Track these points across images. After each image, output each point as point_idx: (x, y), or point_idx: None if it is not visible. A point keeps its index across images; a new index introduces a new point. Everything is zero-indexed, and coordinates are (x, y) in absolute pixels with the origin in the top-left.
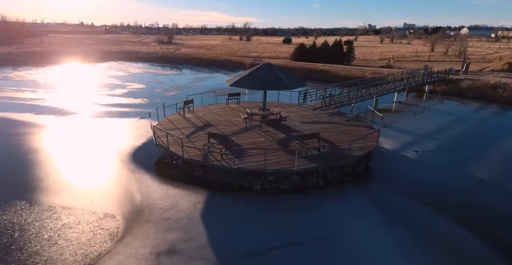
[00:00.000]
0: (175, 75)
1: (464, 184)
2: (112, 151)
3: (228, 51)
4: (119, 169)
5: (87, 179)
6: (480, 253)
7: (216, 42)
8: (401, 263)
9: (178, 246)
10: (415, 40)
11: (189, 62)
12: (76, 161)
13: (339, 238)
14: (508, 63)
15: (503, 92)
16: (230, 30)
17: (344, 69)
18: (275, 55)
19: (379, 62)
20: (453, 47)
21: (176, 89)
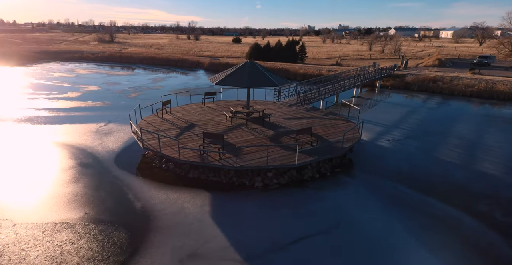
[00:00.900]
0: (130, 76)
1: (437, 167)
2: (90, 159)
3: (180, 50)
4: (104, 177)
5: (73, 191)
6: (472, 228)
7: (164, 41)
8: (411, 243)
9: (198, 250)
10: (353, 40)
11: (142, 62)
12: (53, 172)
13: (350, 225)
14: (438, 59)
15: (443, 85)
16: (175, 29)
17: (302, 68)
18: (230, 54)
19: (328, 60)
20: (388, 46)
21: (137, 91)
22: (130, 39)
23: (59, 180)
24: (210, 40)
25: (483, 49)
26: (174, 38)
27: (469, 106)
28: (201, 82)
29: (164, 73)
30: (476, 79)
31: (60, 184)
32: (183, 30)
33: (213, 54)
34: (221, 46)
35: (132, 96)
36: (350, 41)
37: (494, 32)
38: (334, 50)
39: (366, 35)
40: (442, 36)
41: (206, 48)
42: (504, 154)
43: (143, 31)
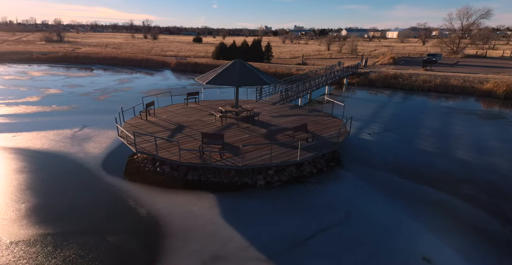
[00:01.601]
0: (92, 77)
1: (419, 156)
2: (75, 166)
3: (140, 50)
4: (97, 185)
5: (68, 202)
6: (464, 209)
7: (119, 40)
8: (415, 227)
9: (220, 253)
10: (310, 40)
11: (101, 62)
12: (38, 184)
13: (358, 215)
14: (392, 58)
15: (403, 81)
16: (129, 27)
17: (272, 67)
18: (194, 54)
19: (293, 60)
20: (345, 46)
21: (104, 93)
22: (81, 38)
23: (48, 192)
24: (169, 39)
25: (428, 48)
26: (130, 37)
27: (430, 99)
28: (172, 83)
29: (128, 73)
30: (431, 75)
31: (50, 196)
32: (137, 29)
33: (176, 53)
34: (182, 46)
35: (101, 98)
36: (308, 42)
37: (433, 32)
38: (295, 50)
39: (321, 36)
40: (388, 36)
41: (167, 47)
42: (472, 141)
43: (93, 29)
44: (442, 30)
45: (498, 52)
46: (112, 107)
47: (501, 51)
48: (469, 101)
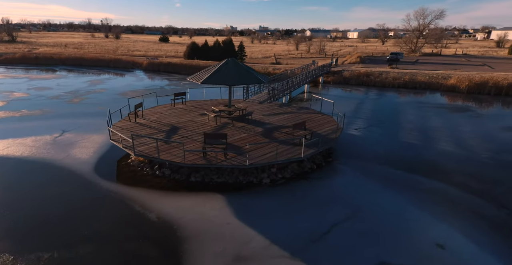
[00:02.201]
0: (59, 79)
1: (406, 149)
2: (66, 173)
3: (104, 49)
4: (96, 192)
5: (70, 212)
6: (458, 196)
7: (78, 40)
8: (419, 213)
9: (243, 253)
10: (277, 40)
11: (65, 63)
12: (33, 193)
13: (366, 206)
14: (359, 57)
15: (375, 78)
16: (86, 26)
17: (253, 67)
18: (164, 54)
19: (266, 59)
20: (313, 46)
21: (77, 95)
22: (35, 38)
23: (44, 202)
24: (132, 39)
25: (388, 47)
26: (89, 36)
27: (402, 95)
28: (148, 83)
29: (97, 74)
30: (400, 72)
31: (48, 206)
32: (96, 28)
33: (145, 53)
34: (149, 45)
35: (75, 101)
36: (276, 42)
37: (390, 32)
38: (265, 49)
39: (286, 36)
40: (349, 36)
41: (133, 47)
42: (449, 133)
43: (46, 29)
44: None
45: (451, 50)
46: (89, 110)
47: (454, 50)
48: (437, 96)
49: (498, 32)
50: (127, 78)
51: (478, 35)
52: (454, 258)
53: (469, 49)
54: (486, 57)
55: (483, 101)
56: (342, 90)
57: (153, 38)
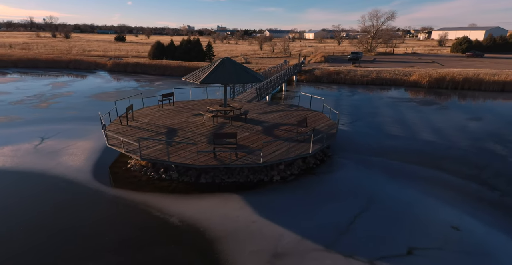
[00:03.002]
0: (16, 82)
1: (394, 140)
2: (64, 183)
3: (56, 50)
4: (103, 200)
5: (83, 223)
6: (455, 181)
7: (23, 40)
8: (426, 199)
9: (278, 249)
10: (239, 40)
11: (16, 65)
12: (36, 204)
13: (379, 196)
14: (323, 56)
15: (345, 76)
16: (28, 25)
17: None
18: (125, 54)
19: (234, 59)
20: (277, 46)
21: (43, 99)
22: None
23: (51, 214)
24: (83, 38)
25: (345, 47)
26: (34, 36)
27: (372, 91)
28: (118, 85)
29: (57, 77)
30: (366, 70)
31: (56, 218)
32: (39, 27)
33: (104, 53)
34: (105, 45)
35: (43, 106)
36: (238, 42)
37: (343, 33)
38: (230, 49)
39: (247, 36)
40: (306, 37)
41: (88, 47)
42: (426, 124)
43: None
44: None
45: (401, 49)
46: (62, 115)
47: (403, 49)
48: (404, 91)
49: (439, 32)
50: (92, 79)
51: (420, 35)
52: (470, 237)
53: (415, 48)
54: (433, 55)
55: (444, 94)
56: (316, 88)
57: (106, 37)
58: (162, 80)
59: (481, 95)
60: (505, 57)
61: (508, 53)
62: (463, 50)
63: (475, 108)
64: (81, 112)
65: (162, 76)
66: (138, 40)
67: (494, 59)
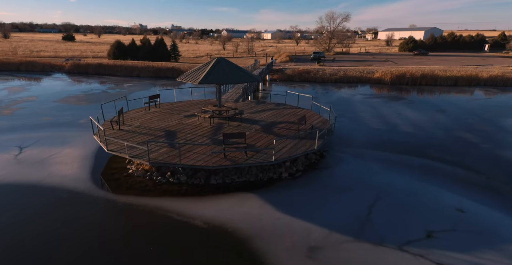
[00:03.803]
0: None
1: (380, 133)
2: (65, 194)
3: None
4: (117, 210)
5: (102, 234)
6: (445, 168)
7: None
8: (430, 187)
9: (312, 243)
10: (199, 40)
11: None
12: (47, 220)
13: (385, 187)
14: (288, 56)
15: (315, 75)
16: None
17: (192, 66)
18: (79, 54)
19: (199, 59)
20: (240, 46)
21: (2, 106)
22: None
23: (72, 230)
24: (26, 37)
25: (305, 47)
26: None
27: (343, 88)
28: (84, 88)
29: (9, 80)
30: (333, 69)
31: (81, 235)
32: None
33: (55, 54)
34: (53, 45)
35: (7, 113)
36: (198, 41)
37: (298, 34)
38: (192, 49)
39: (206, 36)
40: (263, 37)
41: (34, 47)
42: (403, 118)
43: None
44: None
45: (355, 49)
46: (33, 122)
47: (357, 49)
48: (370, 88)
49: (386, 33)
50: (52, 82)
51: (367, 36)
52: (474, 217)
53: (368, 48)
54: (384, 54)
55: (407, 90)
56: (290, 86)
57: (51, 36)
58: (131, 82)
59: (438, 90)
60: (446, 55)
61: (448, 51)
62: (410, 49)
63: (437, 101)
64: (55, 118)
65: (129, 77)
66: (88, 40)
67: (438, 57)
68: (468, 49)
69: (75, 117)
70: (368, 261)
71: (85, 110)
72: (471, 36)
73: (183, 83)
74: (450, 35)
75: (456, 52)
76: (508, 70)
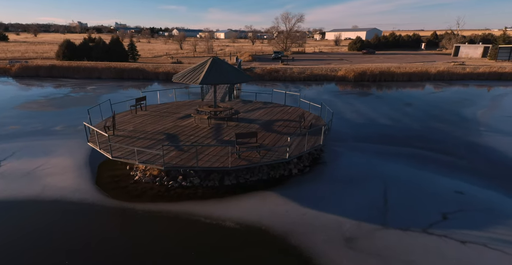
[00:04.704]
0: None
1: (364, 127)
2: (75, 207)
3: None
4: (140, 220)
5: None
6: (435, 156)
7: None
8: (427, 173)
9: (346, 234)
10: (151, 39)
11: None
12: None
13: (389, 177)
14: (251, 55)
15: (283, 74)
16: None
17: (159, 67)
18: (20, 55)
19: (159, 59)
20: (199, 45)
21: None
22: None
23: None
24: None
25: (262, 47)
26: None
27: (313, 86)
28: (42, 92)
29: None
30: (300, 68)
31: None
32: None
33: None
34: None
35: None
36: (150, 40)
37: (249, 34)
38: (148, 48)
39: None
40: (216, 37)
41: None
42: (377, 111)
43: None
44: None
45: (310, 49)
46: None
47: (312, 48)
48: (336, 85)
49: (334, 33)
50: (1, 87)
51: (316, 36)
52: (474, 198)
53: (320, 48)
54: (336, 53)
55: (369, 86)
56: (261, 85)
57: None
58: (93, 84)
59: (396, 85)
60: (390, 53)
61: (390, 49)
62: (358, 48)
63: (401, 96)
64: (23, 126)
65: (88, 79)
66: (24, 39)
67: (384, 55)
68: (407, 48)
69: (46, 124)
70: (403, 246)
71: (55, 116)
72: (408, 36)
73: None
74: (391, 35)
75: (398, 51)
76: (451, 66)
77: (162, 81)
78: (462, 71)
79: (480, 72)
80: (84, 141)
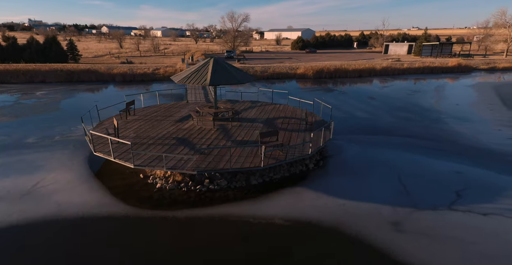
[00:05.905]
0: None
1: (347, 121)
2: (100, 222)
3: None
4: (185, 229)
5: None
6: (429, 145)
7: None
8: (424, 159)
9: (390, 219)
10: (81, 37)
11: None
12: None
13: (394, 163)
14: (203, 54)
15: (262, 73)
16: None
17: (113, 68)
18: None
19: (103, 59)
20: (142, 44)
21: None
22: None
23: None
24: None
25: (208, 46)
26: None
27: (277, 84)
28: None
29: None
30: (263, 66)
31: None
32: None
33: None
34: None
35: None
36: (80, 38)
37: (187, 32)
38: (83, 47)
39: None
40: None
41: None
42: (352, 105)
43: None
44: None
45: (257, 48)
46: None
47: (258, 47)
48: (298, 82)
49: (275, 33)
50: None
51: (254, 35)
52: (474, 176)
53: (265, 47)
54: (281, 52)
55: (328, 82)
56: (230, 85)
57: None
58: (40, 89)
59: (351, 81)
60: (329, 52)
61: (327, 48)
62: (300, 48)
63: (361, 90)
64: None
65: (31, 83)
66: None
67: (325, 54)
68: (341, 47)
69: (13, 136)
70: (442, 224)
71: (18, 128)
72: (341, 36)
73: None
74: (327, 35)
75: (334, 49)
76: (390, 62)
77: (118, 83)
78: (401, 67)
79: (417, 67)
80: (70, 151)
